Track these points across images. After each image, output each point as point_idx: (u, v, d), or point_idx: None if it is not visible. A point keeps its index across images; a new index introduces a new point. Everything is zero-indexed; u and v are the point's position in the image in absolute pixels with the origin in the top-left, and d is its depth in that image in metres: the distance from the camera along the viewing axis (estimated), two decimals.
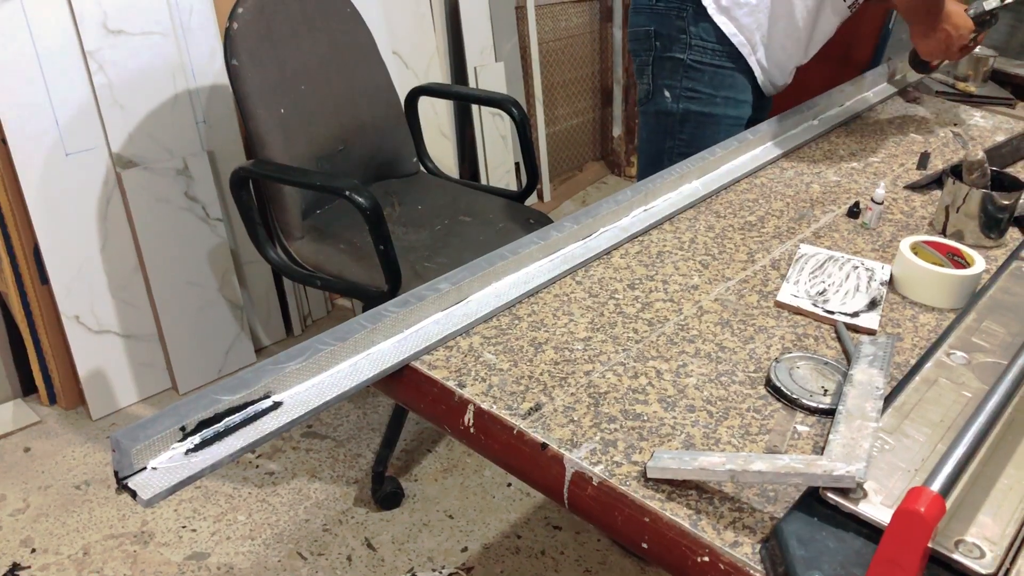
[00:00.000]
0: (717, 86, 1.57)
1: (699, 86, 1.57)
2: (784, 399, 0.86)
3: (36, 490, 1.93)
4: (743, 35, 1.53)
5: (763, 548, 0.68)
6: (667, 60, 1.58)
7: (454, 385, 0.87)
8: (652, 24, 1.58)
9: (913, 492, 0.59)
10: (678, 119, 1.61)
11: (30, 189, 1.91)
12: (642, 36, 1.60)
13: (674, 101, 1.60)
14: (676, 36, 1.55)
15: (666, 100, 1.61)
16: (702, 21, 1.52)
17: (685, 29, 1.54)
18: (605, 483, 0.75)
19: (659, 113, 1.63)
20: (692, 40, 1.54)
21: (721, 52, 1.55)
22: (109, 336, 2.11)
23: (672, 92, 1.59)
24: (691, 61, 1.56)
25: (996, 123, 1.70)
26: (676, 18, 1.54)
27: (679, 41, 1.55)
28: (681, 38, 1.55)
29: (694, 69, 1.56)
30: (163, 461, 0.73)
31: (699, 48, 1.55)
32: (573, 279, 1.07)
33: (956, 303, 1.04)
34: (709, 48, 1.54)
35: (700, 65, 1.56)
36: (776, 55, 1.58)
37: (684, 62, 1.56)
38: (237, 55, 1.69)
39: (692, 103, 1.59)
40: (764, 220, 1.25)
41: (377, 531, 1.86)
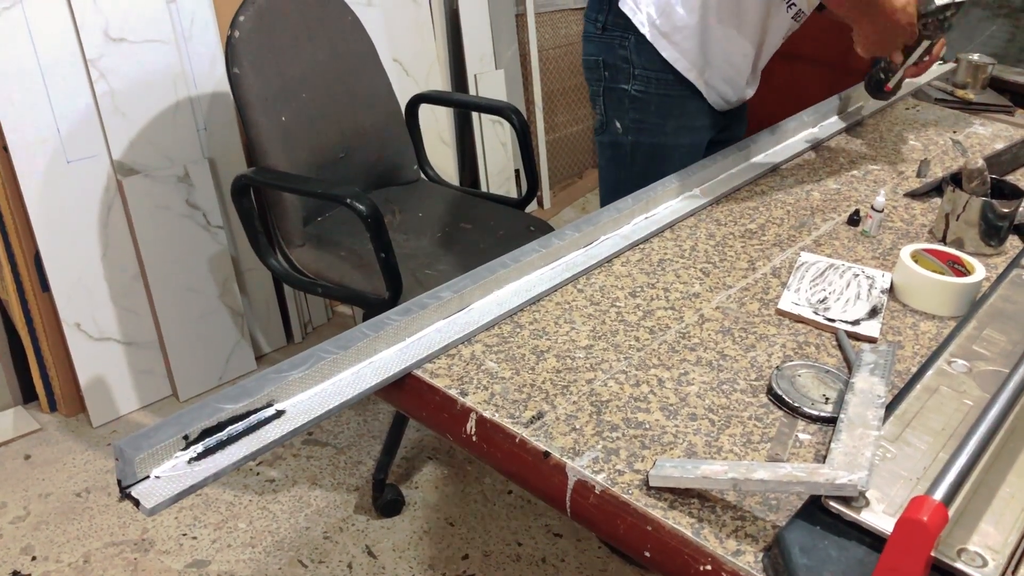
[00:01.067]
0: (665, 115, 1.52)
1: (647, 116, 1.52)
2: (786, 407, 0.86)
3: (36, 497, 1.92)
4: (686, 59, 1.47)
5: (765, 557, 0.68)
6: (615, 91, 1.53)
7: (456, 393, 0.87)
8: (600, 53, 1.52)
9: (916, 501, 0.59)
10: (628, 151, 1.56)
11: (31, 196, 1.91)
12: (592, 65, 1.55)
13: (624, 133, 1.55)
14: (621, 66, 1.50)
15: (617, 131, 1.56)
16: (644, 50, 1.47)
17: (628, 59, 1.48)
18: (607, 491, 0.75)
19: (612, 144, 1.58)
20: (635, 70, 1.49)
21: (666, 80, 1.49)
22: (110, 343, 2.11)
23: (622, 123, 1.55)
24: (635, 92, 1.51)
25: (995, 131, 1.70)
26: (619, 47, 1.49)
27: (623, 71, 1.50)
28: (625, 68, 1.50)
29: (640, 100, 1.51)
30: (166, 470, 0.73)
31: (643, 78, 1.49)
32: (575, 287, 1.07)
33: (957, 311, 1.04)
34: (653, 77, 1.48)
35: (645, 95, 1.50)
36: (724, 72, 1.51)
37: (629, 93, 1.51)
38: (238, 63, 1.70)
39: (641, 135, 1.54)
40: (765, 228, 1.25)
41: (378, 539, 1.86)
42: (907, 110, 1.80)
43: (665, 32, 1.44)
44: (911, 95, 1.88)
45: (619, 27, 1.47)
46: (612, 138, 1.56)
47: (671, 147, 1.53)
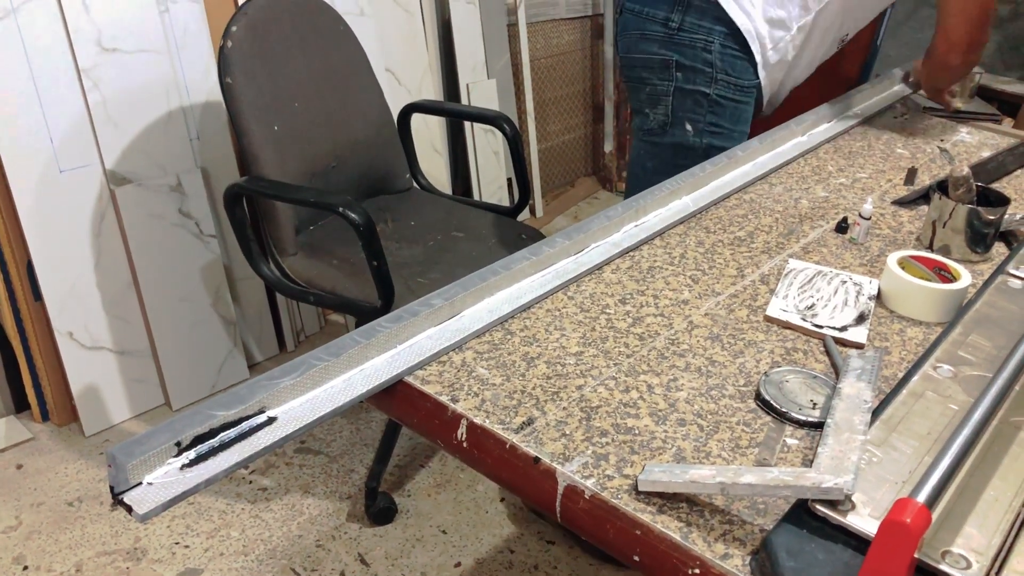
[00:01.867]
0: (736, 120, 1.56)
1: (723, 120, 1.55)
2: (773, 412, 0.87)
3: (28, 507, 1.92)
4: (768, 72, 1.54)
5: (753, 560, 0.69)
6: (691, 92, 1.54)
7: (447, 400, 0.87)
8: (673, 54, 1.53)
9: (899, 503, 0.60)
10: (700, 153, 1.57)
11: (24, 206, 1.92)
12: (658, 65, 1.55)
13: (696, 135, 1.56)
14: (702, 69, 1.52)
15: (687, 133, 1.57)
16: (727, 55, 1.50)
17: (712, 62, 1.51)
18: (597, 496, 0.75)
19: (677, 146, 1.59)
20: (718, 74, 1.51)
21: (740, 86, 1.53)
22: (102, 352, 2.11)
23: (695, 126, 1.56)
24: (717, 95, 1.53)
25: (982, 139, 1.72)
26: (703, 50, 1.50)
27: (704, 74, 1.52)
28: (707, 71, 1.51)
29: (719, 104, 1.54)
30: (158, 476, 0.74)
31: (724, 83, 1.52)
32: (565, 294, 1.08)
33: (943, 317, 1.05)
34: (733, 83, 1.52)
35: (724, 100, 1.53)
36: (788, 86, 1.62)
37: (710, 96, 1.53)
38: (231, 73, 1.71)
39: (715, 138, 1.56)
40: (753, 235, 1.26)
41: (370, 546, 1.86)
42: (895, 119, 1.81)
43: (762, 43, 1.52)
44: (899, 103, 1.89)
45: (701, 30, 1.49)
46: (678, 139, 1.58)
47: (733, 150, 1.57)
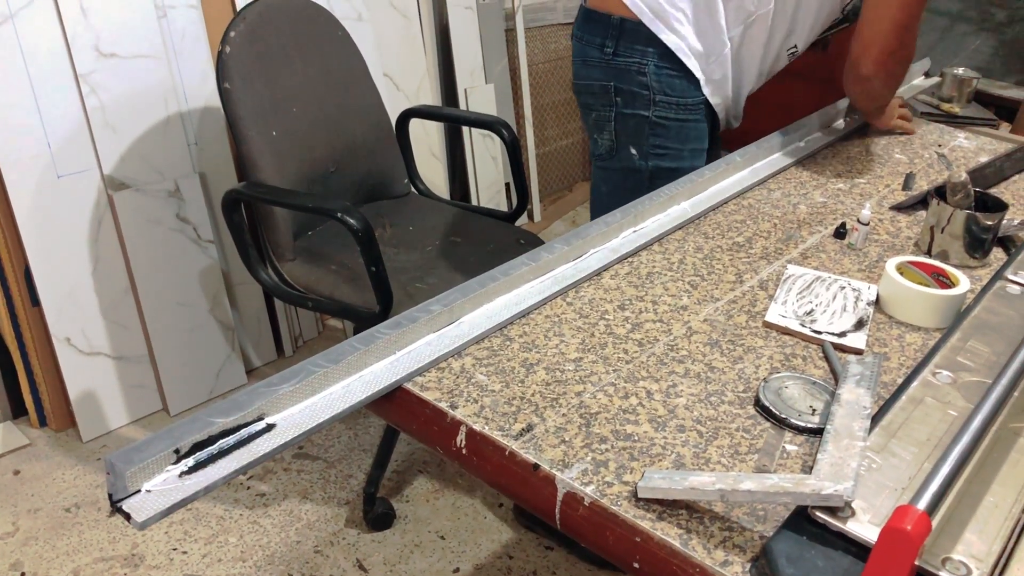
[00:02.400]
0: (684, 140, 1.53)
1: (667, 142, 1.52)
2: (773, 419, 0.87)
3: (26, 513, 1.92)
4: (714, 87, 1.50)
5: (753, 567, 0.69)
6: (631, 117, 1.52)
7: (446, 406, 0.87)
8: (611, 79, 1.51)
9: (899, 510, 0.60)
10: (647, 176, 1.55)
11: (21, 211, 1.91)
12: (599, 91, 1.53)
13: (642, 159, 1.54)
14: (639, 92, 1.49)
15: (633, 157, 1.54)
16: (663, 76, 1.47)
17: (648, 85, 1.48)
18: (596, 503, 0.75)
19: (625, 170, 1.57)
20: (656, 96, 1.48)
21: (684, 105, 1.50)
22: (100, 358, 2.11)
23: (639, 150, 1.54)
24: (656, 118, 1.50)
25: (979, 144, 1.72)
26: (638, 73, 1.48)
27: (642, 97, 1.49)
28: (644, 94, 1.49)
29: (660, 126, 1.51)
30: (157, 483, 0.73)
31: (663, 104, 1.49)
32: (564, 300, 1.08)
33: (942, 323, 1.05)
34: (673, 103, 1.49)
35: (666, 121, 1.50)
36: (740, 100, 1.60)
37: (649, 119, 1.50)
38: (229, 78, 1.71)
39: (662, 160, 1.54)
40: (752, 241, 1.26)
41: (369, 552, 1.85)
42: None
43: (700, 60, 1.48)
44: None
45: (635, 53, 1.47)
46: (626, 164, 1.56)
47: (686, 170, 1.49)
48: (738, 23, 1.45)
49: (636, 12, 1.45)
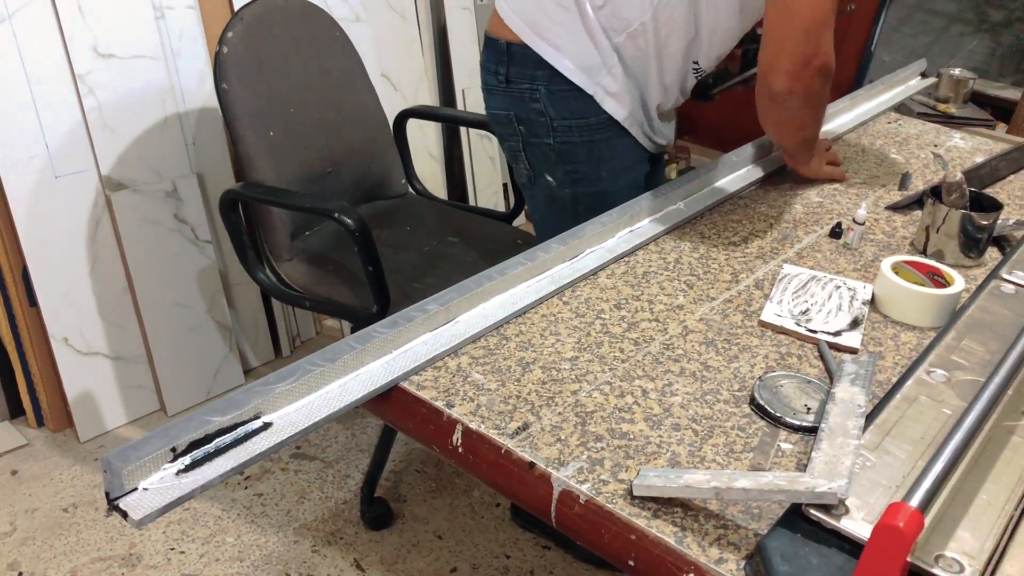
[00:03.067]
0: (597, 162, 1.41)
1: (578, 167, 1.42)
2: (768, 417, 0.87)
3: (23, 513, 1.92)
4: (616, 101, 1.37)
5: (747, 564, 0.69)
6: (537, 146, 1.42)
7: (442, 405, 0.87)
8: (510, 108, 1.41)
9: (892, 508, 0.60)
10: (569, 202, 1.45)
11: (19, 211, 1.92)
12: (503, 120, 1.43)
13: (559, 186, 1.44)
14: (537, 120, 1.39)
15: (551, 185, 1.45)
16: (556, 100, 1.36)
17: (543, 111, 1.37)
18: (592, 501, 0.76)
19: (548, 198, 1.48)
20: (553, 122, 1.37)
21: (587, 126, 1.38)
22: (97, 358, 2.11)
23: (554, 177, 1.44)
24: (560, 144, 1.39)
25: (975, 144, 1.72)
26: (531, 100, 1.37)
27: (541, 125, 1.39)
28: (542, 121, 1.38)
29: (566, 152, 1.40)
30: (154, 482, 0.74)
31: (563, 128, 1.38)
32: (560, 299, 1.08)
33: (936, 322, 1.05)
34: (575, 126, 1.37)
35: (570, 146, 1.40)
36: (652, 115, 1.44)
37: (553, 146, 1.40)
38: (227, 79, 1.71)
39: (578, 185, 1.43)
40: (748, 240, 1.27)
41: (366, 552, 1.86)
42: (889, 124, 1.82)
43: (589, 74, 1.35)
44: (893, 109, 1.90)
45: (525, 78, 1.36)
46: (547, 192, 1.47)
47: (611, 192, 1.42)
48: (619, 32, 1.32)
49: (516, 31, 1.35)
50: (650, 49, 1.33)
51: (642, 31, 1.31)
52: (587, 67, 1.34)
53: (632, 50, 1.33)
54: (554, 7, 1.32)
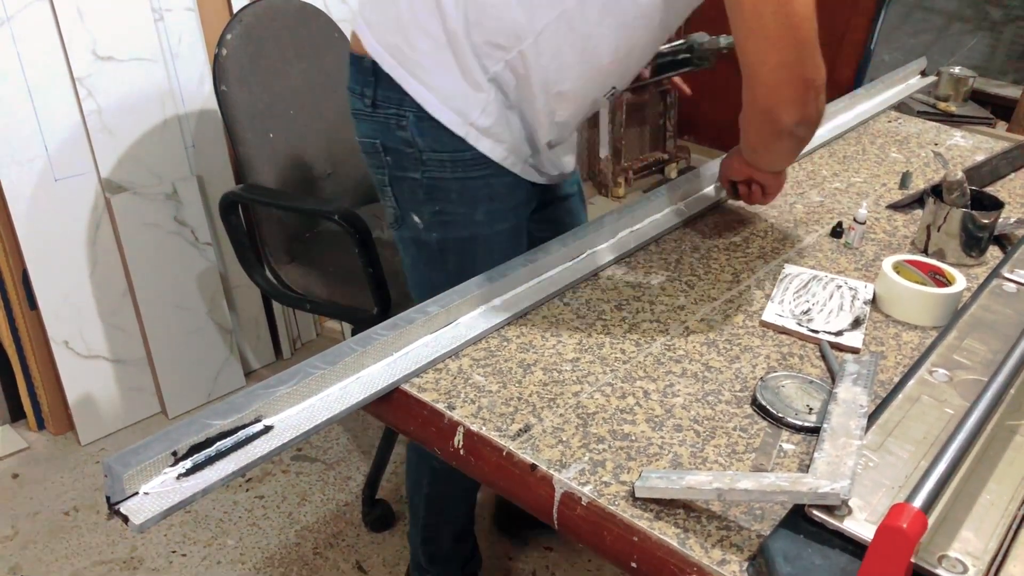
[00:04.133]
0: (472, 202, 1.22)
1: (449, 206, 1.22)
2: (770, 418, 0.87)
3: (24, 516, 1.92)
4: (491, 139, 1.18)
5: (750, 566, 0.69)
6: (404, 180, 1.23)
7: (444, 407, 0.87)
8: (376, 135, 1.22)
9: (895, 508, 0.60)
10: (437, 249, 1.26)
11: (19, 214, 1.91)
12: (370, 149, 1.25)
13: (426, 229, 1.24)
14: (404, 151, 1.20)
15: (417, 227, 1.25)
16: (427, 128, 1.16)
17: (411, 141, 1.18)
18: (594, 503, 0.75)
19: (415, 241, 1.28)
20: (423, 154, 1.18)
21: (462, 161, 1.19)
22: (98, 361, 2.11)
23: (421, 217, 1.24)
24: (428, 180, 1.20)
25: (976, 143, 1.72)
26: (397, 127, 1.18)
27: (407, 156, 1.20)
28: (409, 153, 1.19)
29: (436, 189, 1.21)
30: (155, 486, 0.74)
31: (436, 162, 1.19)
32: (561, 301, 1.08)
33: (938, 321, 1.05)
34: (447, 160, 1.18)
35: (442, 183, 1.20)
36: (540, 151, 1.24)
37: (421, 182, 1.21)
38: (226, 81, 1.71)
39: (448, 229, 1.24)
40: (749, 240, 1.26)
41: (368, 554, 1.85)
42: (889, 123, 1.82)
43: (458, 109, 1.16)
44: (893, 108, 1.90)
45: (392, 102, 1.17)
46: (413, 234, 1.27)
47: (487, 236, 1.25)
48: (495, 60, 1.12)
49: (376, 58, 1.17)
50: (534, 79, 1.13)
51: (521, 60, 1.11)
52: (456, 104, 1.15)
53: (512, 81, 1.14)
54: (418, 33, 1.13)
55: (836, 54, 3.04)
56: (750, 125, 1.12)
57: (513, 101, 1.17)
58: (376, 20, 1.18)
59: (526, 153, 1.23)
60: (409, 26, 1.14)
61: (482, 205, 1.23)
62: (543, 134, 1.21)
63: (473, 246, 1.25)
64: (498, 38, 1.10)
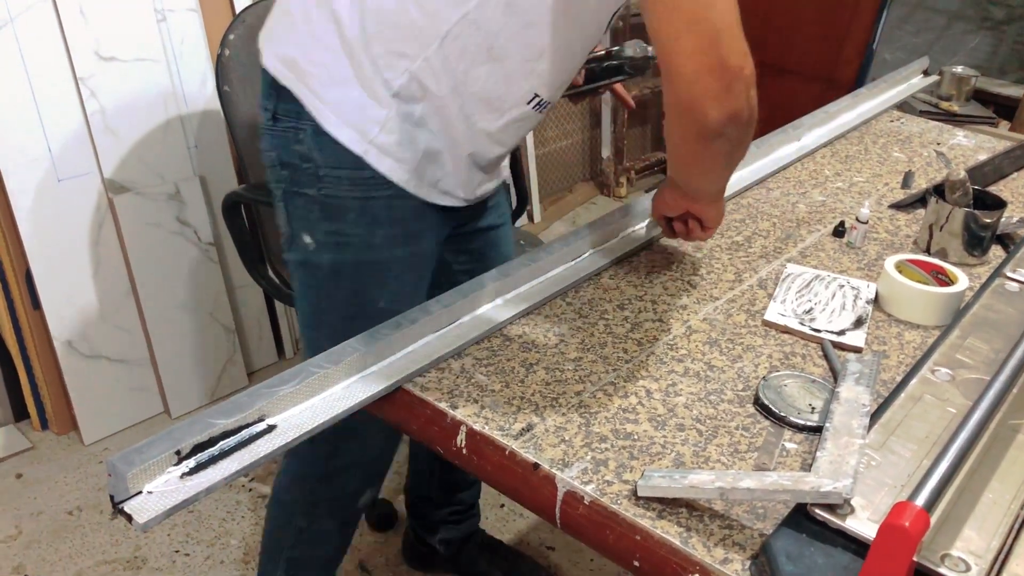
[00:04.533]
0: (371, 223, 1.13)
1: (345, 227, 1.13)
2: (772, 417, 0.87)
3: (28, 516, 1.92)
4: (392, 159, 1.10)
5: (753, 565, 0.69)
6: (299, 196, 1.14)
7: (446, 406, 0.87)
8: (275, 149, 1.14)
9: (898, 507, 0.60)
10: (327, 273, 1.17)
11: (22, 215, 1.92)
12: (269, 164, 1.16)
13: (317, 250, 1.15)
14: (301, 166, 1.12)
15: (308, 247, 1.16)
16: (325, 143, 1.09)
17: (308, 155, 1.10)
18: (596, 502, 0.76)
19: (304, 264, 1.19)
20: (320, 170, 1.10)
21: (362, 179, 1.10)
22: (101, 361, 2.11)
23: (312, 237, 1.15)
24: (324, 197, 1.12)
25: (978, 142, 1.72)
26: (295, 141, 1.11)
27: (303, 171, 1.12)
28: (306, 168, 1.11)
29: (332, 207, 1.12)
30: (158, 485, 0.74)
31: (334, 179, 1.11)
32: (563, 300, 1.08)
33: (940, 320, 1.05)
34: (345, 177, 1.10)
35: (338, 201, 1.12)
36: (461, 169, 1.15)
37: (317, 199, 1.12)
38: (228, 81, 1.71)
39: (341, 251, 1.15)
40: (751, 240, 1.26)
41: (371, 554, 1.86)
42: (891, 122, 1.82)
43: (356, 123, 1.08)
44: (895, 108, 1.90)
45: (291, 115, 1.10)
46: (302, 256, 1.18)
47: (385, 262, 1.16)
48: (399, 73, 1.04)
49: (273, 73, 1.11)
50: (444, 85, 1.05)
51: (427, 67, 1.04)
52: (355, 120, 1.08)
53: (419, 92, 1.06)
54: (315, 46, 1.07)
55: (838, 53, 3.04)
56: (675, 130, 0.98)
57: (419, 117, 1.08)
58: (276, 32, 1.13)
59: (435, 176, 1.13)
60: (306, 38, 1.08)
61: (381, 228, 1.14)
62: (464, 144, 1.12)
63: (368, 271, 1.16)
64: (400, 46, 1.03)
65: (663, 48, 0.90)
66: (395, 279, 1.18)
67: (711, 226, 1.14)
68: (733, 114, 0.91)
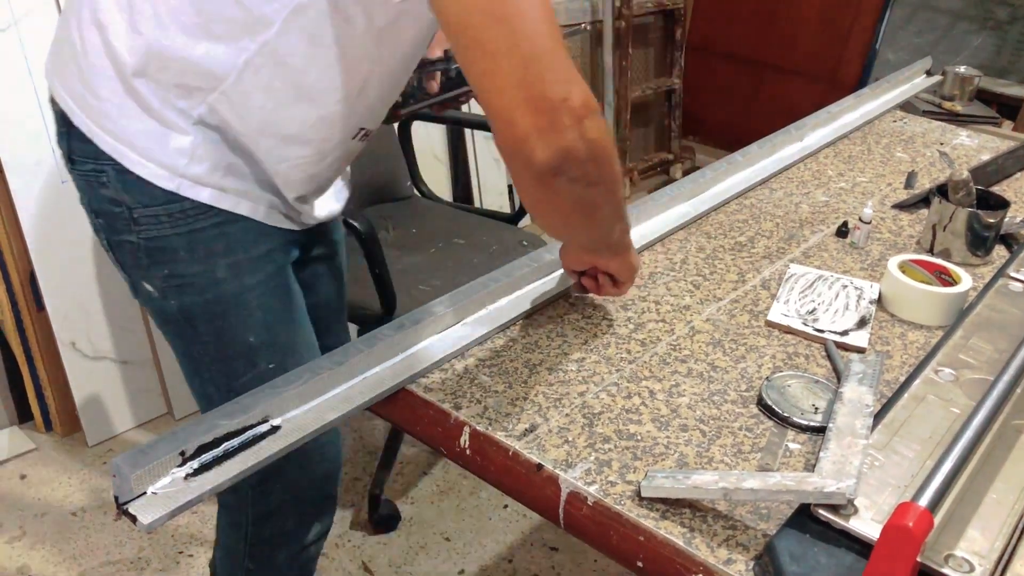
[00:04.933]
0: (207, 256, 1.02)
1: (180, 267, 1.02)
2: (775, 417, 0.87)
3: (32, 517, 1.92)
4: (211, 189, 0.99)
5: (756, 565, 0.69)
6: (122, 245, 1.03)
7: (449, 407, 0.88)
8: (84, 194, 1.04)
9: (901, 507, 0.60)
10: (182, 319, 1.07)
11: (26, 216, 1.92)
12: (86, 210, 1.06)
13: (162, 297, 1.05)
14: (111, 210, 1.00)
15: (153, 296, 1.06)
16: (130, 181, 0.97)
17: (117, 199, 0.99)
18: (600, 503, 0.76)
19: (159, 312, 1.09)
20: (135, 213, 0.99)
21: (182, 213, 0.99)
22: (105, 362, 2.12)
23: (153, 285, 1.05)
24: (146, 242, 1.01)
25: (982, 142, 1.72)
26: (100, 185, 0.99)
27: (118, 217, 1.00)
28: (118, 212, 1.00)
29: (158, 251, 1.01)
30: (163, 486, 0.74)
31: (151, 219, 0.99)
32: (566, 301, 1.08)
33: (944, 321, 1.05)
34: (163, 214, 0.99)
35: (162, 241, 1.00)
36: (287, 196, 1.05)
37: (140, 245, 1.01)
38: None
39: (185, 293, 1.04)
40: (754, 240, 1.26)
41: (374, 554, 1.86)
42: (894, 122, 1.82)
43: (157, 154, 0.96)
44: (898, 108, 1.90)
45: (88, 156, 0.98)
46: (152, 304, 1.08)
47: (237, 294, 1.05)
48: (196, 103, 0.94)
49: (62, 106, 0.99)
50: (248, 122, 0.95)
51: (226, 100, 0.93)
52: (156, 155, 0.96)
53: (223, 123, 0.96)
54: (97, 79, 0.94)
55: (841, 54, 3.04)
56: (512, 175, 0.82)
57: (232, 143, 0.97)
58: (58, 63, 1.00)
59: (269, 198, 1.04)
60: (86, 70, 0.95)
61: (220, 259, 1.03)
62: (285, 187, 1.02)
63: (223, 308, 1.05)
64: (192, 80, 0.92)
65: (476, 86, 0.78)
66: (256, 308, 1.07)
67: (624, 281, 1.01)
68: (563, 151, 0.76)
